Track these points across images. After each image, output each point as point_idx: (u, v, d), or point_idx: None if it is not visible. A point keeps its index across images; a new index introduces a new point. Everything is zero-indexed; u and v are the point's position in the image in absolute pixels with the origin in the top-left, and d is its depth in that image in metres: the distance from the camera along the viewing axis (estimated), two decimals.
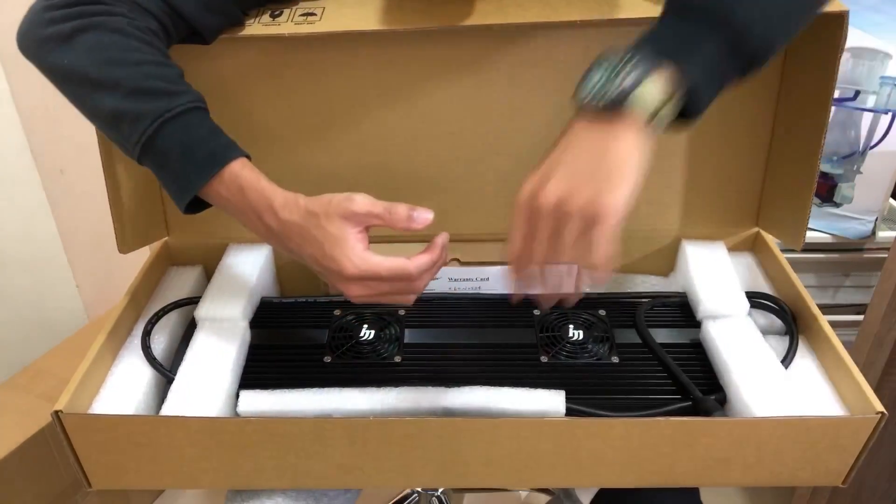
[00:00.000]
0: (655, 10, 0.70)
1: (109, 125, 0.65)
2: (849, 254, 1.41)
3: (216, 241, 0.90)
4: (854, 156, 1.24)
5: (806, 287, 0.80)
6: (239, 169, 0.64)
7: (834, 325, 1.36)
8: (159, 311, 0.81)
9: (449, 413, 0.67)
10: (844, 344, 0.74)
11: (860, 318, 1.17)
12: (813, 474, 0.67)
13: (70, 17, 0.65)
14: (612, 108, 0.54)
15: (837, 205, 1.35)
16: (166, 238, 0.92)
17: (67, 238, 1.33)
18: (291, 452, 0.66)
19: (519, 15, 0.72)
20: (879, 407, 0.64)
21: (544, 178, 0.55)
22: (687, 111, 0.56)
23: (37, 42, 0.66)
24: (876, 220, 1.38)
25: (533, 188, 0.55)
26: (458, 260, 0.87)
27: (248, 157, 0.66)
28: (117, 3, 0.66)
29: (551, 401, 0.66)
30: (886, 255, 1.10)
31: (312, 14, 0.75)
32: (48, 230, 1.30)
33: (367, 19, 0.73)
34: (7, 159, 1.21)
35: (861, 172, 1.31)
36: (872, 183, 1.33)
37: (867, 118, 1.19)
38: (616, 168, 0.53)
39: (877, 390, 1.15)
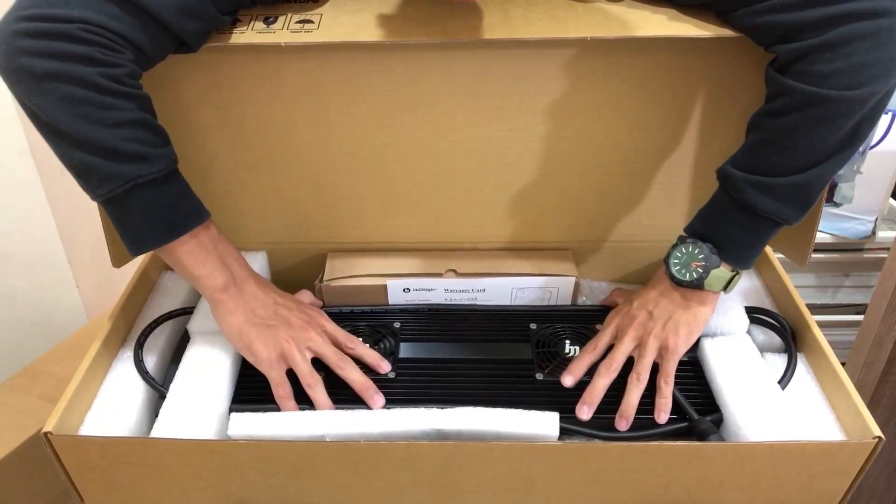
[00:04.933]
0: (665, 27, 0.69)
1: (76, 172, 0.64)
2: (849, 254, 1.41)
3: None
4: (854, 156, 1.22)
5: (806, 287, 0.80)
6: (202, 231, 0.69)
7: (834, 325, 1.37)
8: (152, 323, 0.80)
9: (442, 434, 0.67)
10: (844, 344, 0.73)
11: (860, 318, 1.16)
12: (808, 497, 0.67)
13: (40, 52, 0.60)
14: (690, 287, 0.73)
15: (837, 205, 1.34)
16: None
17: (67, 238, 1.32)
18: (282, 474, 0.66)
19: (526, 29, 0.69)
20: (877, 431, 0.64)
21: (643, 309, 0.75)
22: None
23: (7, 67, 0.61)
24: (876, 220, 1.37)
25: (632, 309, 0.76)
26: (454, 271, 0.86)
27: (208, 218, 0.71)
28: (90, 34, 0.60)
29: (545, 423, 0.66)
30: (886, 255, 1.09)
31: (309, 22, 0.72)
32: (48, 230, 1.30)
33: (367, 28, 0.71)
34: (7, 159, 1.20)
35: (861, 172, 1.30)
36: (872, 183, 1.32)
37: None
38: (688, 326, 0.73)
39: (877, 389, 1.15)
